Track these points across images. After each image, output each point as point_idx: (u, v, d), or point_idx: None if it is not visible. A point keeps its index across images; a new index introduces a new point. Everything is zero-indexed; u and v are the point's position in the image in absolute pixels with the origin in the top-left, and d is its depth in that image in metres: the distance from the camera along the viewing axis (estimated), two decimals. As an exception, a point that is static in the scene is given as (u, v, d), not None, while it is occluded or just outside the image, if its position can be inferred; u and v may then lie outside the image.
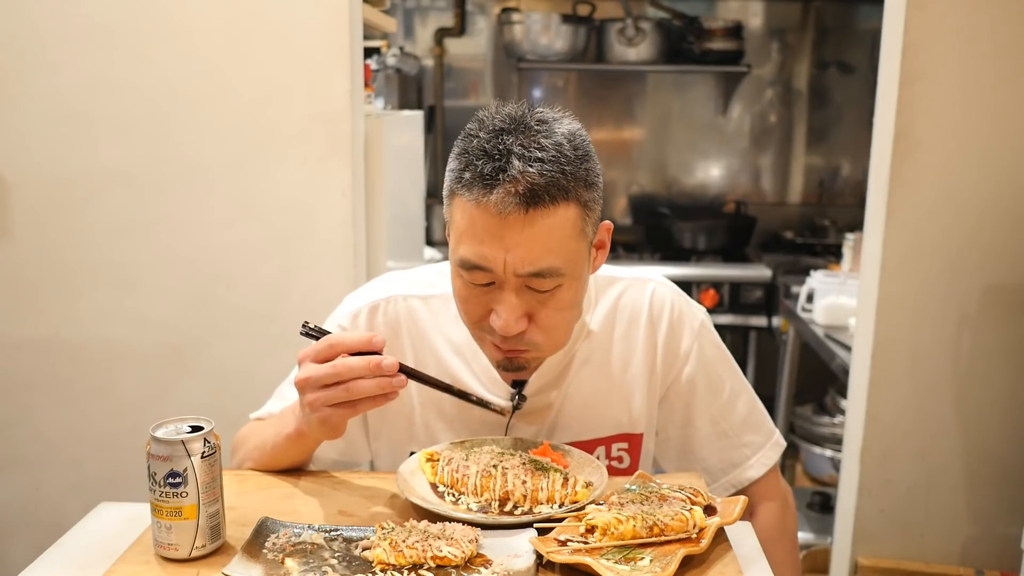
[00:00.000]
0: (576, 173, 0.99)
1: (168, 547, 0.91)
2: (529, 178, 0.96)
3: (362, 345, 0.97)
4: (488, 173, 0.97)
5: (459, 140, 1.04)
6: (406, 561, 0.87)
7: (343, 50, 1.81)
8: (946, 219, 1.77)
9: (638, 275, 1.26)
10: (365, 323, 1.22)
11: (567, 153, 0.99)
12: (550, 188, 0.97)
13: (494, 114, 1.02)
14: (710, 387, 1.23)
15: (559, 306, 1.04)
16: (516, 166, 0.96)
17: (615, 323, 1.22)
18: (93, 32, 1.81)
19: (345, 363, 0.96)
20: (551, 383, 1.19)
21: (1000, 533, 1.84)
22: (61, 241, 1.88)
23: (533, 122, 1.00)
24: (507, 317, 1.02)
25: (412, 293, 1.23)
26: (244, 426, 1.27)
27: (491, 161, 0.97)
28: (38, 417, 1.95)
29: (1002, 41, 1.71)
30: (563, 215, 0.99)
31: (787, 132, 3.86)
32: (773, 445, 1.25)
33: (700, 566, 0.89)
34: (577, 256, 1.03)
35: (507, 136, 0.98)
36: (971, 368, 1.82)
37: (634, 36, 3.53)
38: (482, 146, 0.99)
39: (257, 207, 1.86)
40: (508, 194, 0.96)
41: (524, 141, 0.98)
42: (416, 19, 3.80)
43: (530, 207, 0.97)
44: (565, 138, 1.00)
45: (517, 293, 1.02)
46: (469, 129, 1.03)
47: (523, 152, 0.97)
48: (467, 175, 0.99)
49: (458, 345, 1.20)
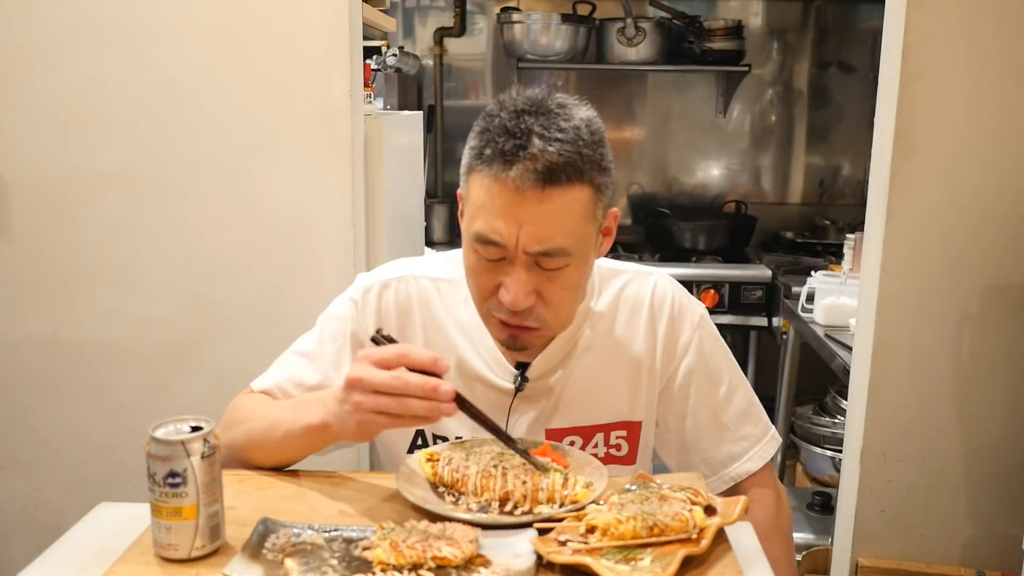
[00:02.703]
0: (592, 156, 1.04)
1: (168, 547, 0.90)
2: (548, 156, 1.01)
3: (427, 365, 0.97)
4: (509, 150, 1.01)
5: (479, 121, 1.09)
6: (406, 561, 0.87)
7: (343, 50, 1.80)
8: (947, 219, 1.77)
9: (640, 269, 1.29)
10: (375, 299, 1.24)
11: (584, 136, 1.04)
12: (567, 168, 1.02)
13: (515, 97, 1.07)
14: (710, 379, 1.25)
15: (566, 284, 1.08)
16: (536, 144, 1.01)
17: (618, 312, 1.24)
18: (93, 32, 1.81)
19: (406, 377, 0.96)
20: (554, 367, 1.21)
21: (1001, 533, 1.84)
22: (61, 241, 1.88)
23: (553, 105, 1.05)
24: (516, 291, 1.05)
25: (423, 274, 1.26)
26: (243, 396, 1.24)
27: (512, 139, 1.02)
28: (37, 417, 1.95)
29: (1003, 41, 1.71)
30: (577, 195, 1.04)
31: (787, 132, 3.85)
32: (770, 439, 1.27)
33: (700, 566, 0.89)
34: (586, 238, 1.08)
35: (528, 116, 1.03)
36: (972, 368, 1.82)
37: (634, 36, 3.53)
38: (503, 125, 1.03)
39: (257, 207, 1.86)
40: (527, 170, 1.01)
41: (544, 122, 1.03)
42: (416, 19, 3.80)
43: (547, 185, 1.01)
44: (583, 122, 1.05)
45: (527, 269, 1.05)
46: (490, 110, 1.08)
47: (543, 132, 1.02)
48: (488, 151, 1.03)
49: (466, 327, 1.22)
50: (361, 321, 1.24)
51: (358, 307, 1.25)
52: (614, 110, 3.86)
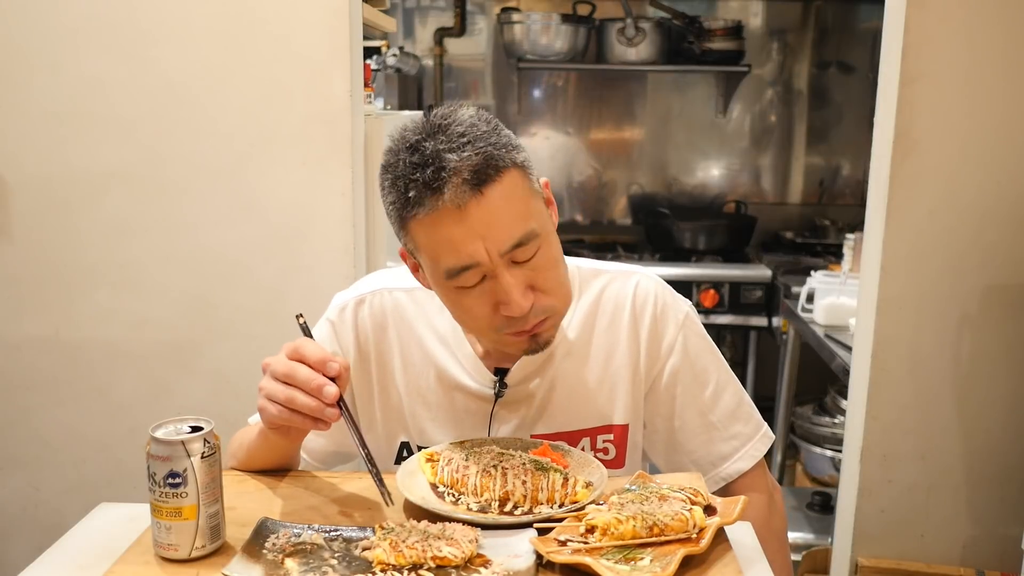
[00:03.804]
0: (500, 141, 1.04)
1: (168, 547, 0.91)
2: (467, 163, 1.00)
3: (316, 362, 0.98)
4: (430, 178, 1.00)
5: (382, 176, 1.07)
6: (406, 561, 0.87)
7: (343, 50, 1.80)
8: (947, 219, 1.77)
9: (623, 268, 1.27)
10: (351, 316, 1.24)
11: (483, 128, 1.04)
12: (489, 162, 1.01)
13: (400, 138, 1.05)
14: (696, 379, 1.23)
15: (548, 264, 1.08)
16: (451, 159, 1.00)
17: (599, 314, 1.23)
18: (93, 32, 1.81)
19: (298, 369, 0.98)
20: (533, 372, 1.20)
21: (1001, 533, 1.84)
22: (61, 241, 1.88)
23: (439, 121, 1.04)
24: (514, 296, 1.04)
25: (397, 286, 1.25)
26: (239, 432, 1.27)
27: (426, 168, 1.00)
28: (38, 417, 1.95)
29: (1003, 41, 1.71)
30: (510, 181, 1.03)
31: (787, 132, 3.86)
32: (761, 437, 1.25)
33: (700, 566, 0.89)
34: (540, 213, 1.08)
35: (426, 143, 1.02)
36: (972, 368, 1.82)
37: (634, 36, 3.53)
38: (410, 163, 1.02)
39: (257, 207, 1.86)
40: (456, 185, 1.00)
41: (443, 138, 1.02)
42: (416, 19, 3.80)
43: (481, 187, 1.01)
44: (473, 118, 1.04)
45: (510, 271, 1.04)
46: (387, 161, 1.06)
47: (448, 145, 1.01)
48: (412, 194, 1.01)
49: (443, 335, 1.22)
50: (340, 341, 1.24)
51: (335, 327, 1.25)
52: (614, 110, 3.86)
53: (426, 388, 1.22)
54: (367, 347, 1.24)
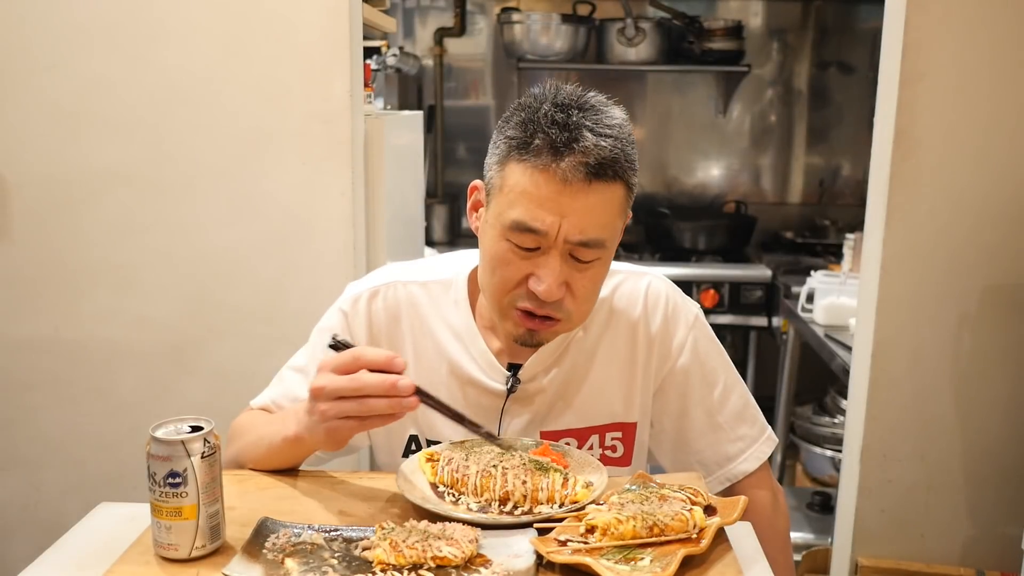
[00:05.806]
0: (631, 155, 1.07)
1: (168, 547, 0.91)
2: (600, 152, 1.03)
3: (383, 364, 0.98)
4: (561, 142, 1.02)
5: (516, 111, 1.08)
6: (406, 561, 0.87)
7: (343, 50, 1.81)
8: (946, 219, 1.77)
9: (634, 269, 1.28)
10: (365, 307, 1.24)
11: (626, 135, 1.07)
12: (614, 164, 1.04)
13: (554, 91, 1.08)
14: (704, 380, 1.24)
15: (595, 277, 1.11)
16: (589, 139, 1.03)
17: (611, 314, 1.24)
18: (93, 32, 1.81)
19: (363, 378, 0.97)
20: (547, 368, 1.21)
21: (1001, 533, 1.84)
22: (61, 241, 1.88)
23: (595, 102, 1.07)
24: (550, 281, 1.06)
25: (412, 279, 1.25)
26: (243, 413, 1.27)
27: (564, 131, 1.03)
28: (38, 417, 1.95)
29: (1002, 41, 1.71)
30: (616, 192, 1.06)
31: (787, 132, 3.86)
32: (766, 440, 1.26)
33: (700, 566, 0.89)
34: (617, 234, 1.11)
35: (574, 111, 1.04)
36: (971, 368, 1.82)
37: (634, 36, 3.53)
38: (551, 117, 1.04)
39: (257, 207, 1.86)
40: (578, 163, 1.02)
41: (593, 118, 1.04)
42: (416, 19, 3.80)
43: (593, 179, 1.03)
44: (623, 121, 1.08)
45: (561, 259, 1.06)
46: (526, 103, 1.08)
47: (594, 127, 1.04)
48: (536, 141, 1.04)
49: (457, 329, 1.22)
50: (351, 331, 1.24)
51: (348, 317, 1.24)
52: (614, 110, 3.86)
53: (438, 382, 1.21)
54: (379, 339, 1.24)
